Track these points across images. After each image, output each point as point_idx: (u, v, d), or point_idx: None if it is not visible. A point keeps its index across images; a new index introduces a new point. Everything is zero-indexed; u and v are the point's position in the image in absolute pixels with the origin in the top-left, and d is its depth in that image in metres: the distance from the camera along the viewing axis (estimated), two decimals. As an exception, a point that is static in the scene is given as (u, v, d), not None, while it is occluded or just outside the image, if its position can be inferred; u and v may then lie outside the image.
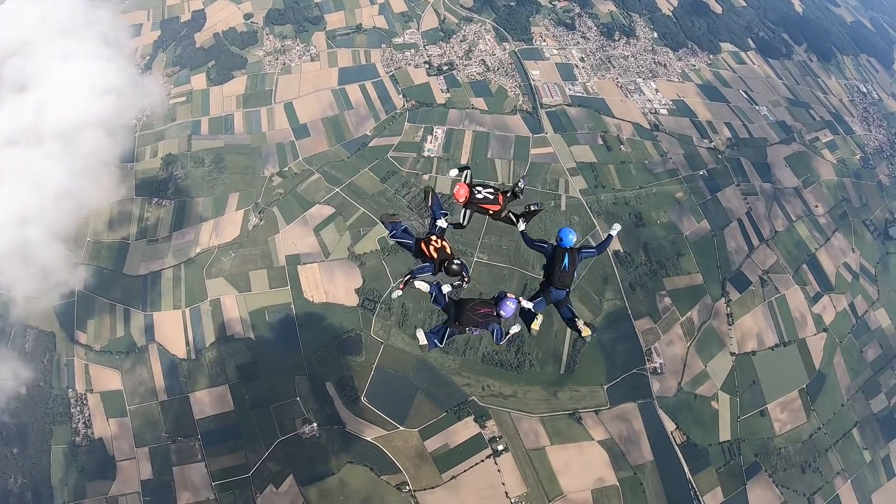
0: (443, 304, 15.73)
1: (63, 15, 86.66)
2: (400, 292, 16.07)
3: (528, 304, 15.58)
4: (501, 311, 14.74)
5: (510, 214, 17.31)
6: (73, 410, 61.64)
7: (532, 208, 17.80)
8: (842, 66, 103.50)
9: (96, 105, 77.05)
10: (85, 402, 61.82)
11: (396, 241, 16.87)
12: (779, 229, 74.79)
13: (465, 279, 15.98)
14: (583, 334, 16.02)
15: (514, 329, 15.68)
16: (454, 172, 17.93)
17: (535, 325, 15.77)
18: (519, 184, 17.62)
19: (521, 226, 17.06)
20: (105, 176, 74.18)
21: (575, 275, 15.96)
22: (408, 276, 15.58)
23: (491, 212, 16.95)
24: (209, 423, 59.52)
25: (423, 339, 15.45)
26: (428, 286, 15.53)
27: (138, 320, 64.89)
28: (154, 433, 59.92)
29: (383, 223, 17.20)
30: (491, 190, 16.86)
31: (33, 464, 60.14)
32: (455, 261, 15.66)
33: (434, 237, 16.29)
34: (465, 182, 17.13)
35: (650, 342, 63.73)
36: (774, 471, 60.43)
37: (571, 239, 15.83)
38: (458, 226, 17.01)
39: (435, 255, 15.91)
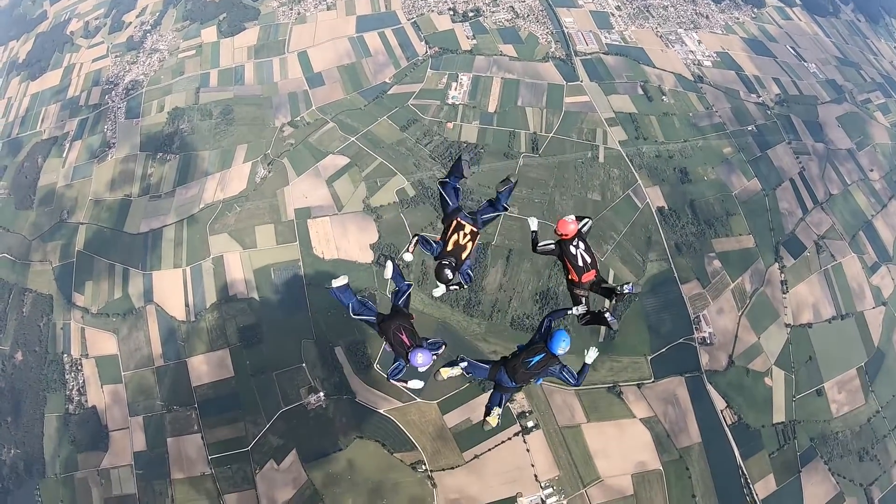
0: (399, 285, 12.49)
1: None
2: (411, 256, 12.43)
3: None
4: (410, 358, 11.05)
5: (583, 297, 12.43)
6: (67, 377, 56.16)
7: (607, 317, 12.35)
8: (890, 28, 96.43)
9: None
10: (80, 367, 56.23)
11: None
12: (833, 192, 65.15)
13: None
14: (487, 426, 12.07)
15: (415, 385, 12.03)
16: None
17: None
18: (624, 287, 12.05)
19: (578, 311, 12.48)
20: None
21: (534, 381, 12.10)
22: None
23: (569, 276, 12.43)
24: (207, 390, 52.45)
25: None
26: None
27: (137, 281, 58.15)
28: (149, 401, 53.49)
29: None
30: (590, 260, 12.18)
31: (26, 433, 55.15)
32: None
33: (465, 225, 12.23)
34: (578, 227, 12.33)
35: (698, 309, 54.34)
36: (830, 458, 51.63)
37: (562, 347, 11.20)
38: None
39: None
